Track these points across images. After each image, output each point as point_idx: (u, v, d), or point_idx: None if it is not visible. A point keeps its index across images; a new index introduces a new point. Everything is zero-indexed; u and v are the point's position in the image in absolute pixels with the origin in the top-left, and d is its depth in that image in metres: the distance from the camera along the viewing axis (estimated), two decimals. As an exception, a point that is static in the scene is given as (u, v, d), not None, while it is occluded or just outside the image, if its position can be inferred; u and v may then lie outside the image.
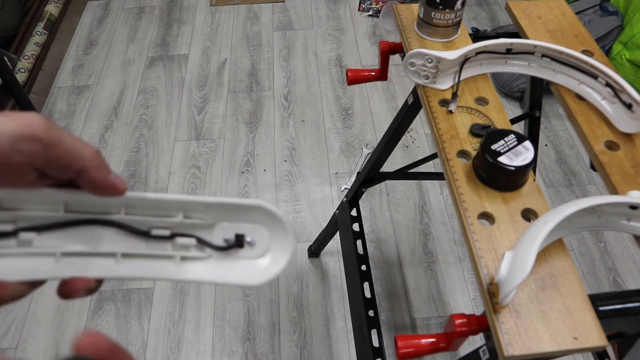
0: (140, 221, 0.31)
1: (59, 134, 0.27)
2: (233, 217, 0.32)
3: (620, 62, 1.73)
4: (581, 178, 1.64)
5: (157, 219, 0.31)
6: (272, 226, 0.32)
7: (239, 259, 0.32)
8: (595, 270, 1.42)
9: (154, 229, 0.31)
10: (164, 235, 0.31)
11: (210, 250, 0.32)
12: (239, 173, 1.68)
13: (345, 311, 1.36)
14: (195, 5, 2.33)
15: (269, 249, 0.32)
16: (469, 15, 2.24)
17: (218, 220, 0.32)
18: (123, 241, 0.31)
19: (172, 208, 0.31)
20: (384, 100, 1.90)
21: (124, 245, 0.31)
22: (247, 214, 0.32)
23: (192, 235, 0.31)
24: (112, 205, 0.31)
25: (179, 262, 0.31)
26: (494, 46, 0.67)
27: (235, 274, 0.31)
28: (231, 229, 0.32)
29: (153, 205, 0.31)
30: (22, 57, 1.98)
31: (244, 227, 0.32)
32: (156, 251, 0.31)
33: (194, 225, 0.32)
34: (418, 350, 0.52)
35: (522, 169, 0.53)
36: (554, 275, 0.49)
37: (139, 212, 0.31)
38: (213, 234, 0.32)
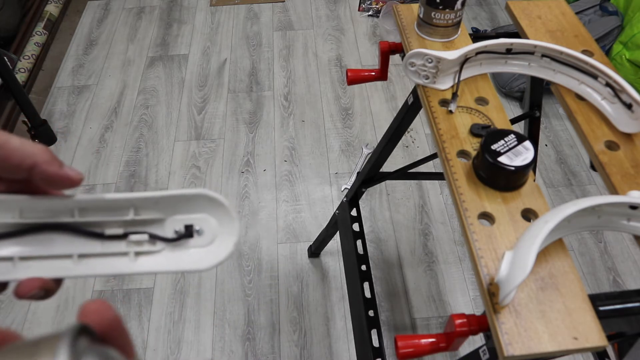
0: (95, 222, 0.33)
1: (5, 137, 0.28)
2: (181, 209, 0.33)
3: (620, 62, 1.73)
4: (581, 178, 1.64)
5: (110, 218, 0.33)
6: (218, 213, 0.33)
7: (190, 248, 0.33)
8: (595, 270, 1.42)
9: (107, 228, 0.33)
10: (118, 234, 0.33)
11: (162, 243, 0.33)
12: (239, 173, 1.68)
13: (345, 311, 1.36)
14: (195, 5, 2.33)
15: (217, 235, 0.33)
16: (469, 15, 2.24)
17: (168, 214, 0.34)
18: (79, 243, 0.33)
19: (122, 207, 0.33)
20: (384, 100, 1.90)
21: (80, 247, 0.33)
22: (193, 204, 0.33)
23: (144, 231, 0.33)
24: (66, 209, 0.32)
25: (133, 257, 0.33)
26: (494, 46, 0.67)
27: (186, 262, 0.33)
28: (181, 221, 0.33)
29: (104, 206, 0.33)
30: (22, 57, 1.98)
31: (192, 217, 0.34)
32: (111, 249, 0.33)
33: (146, 221, 0.33)
34: (418, 350, 0.52)
35: (522, 169, 0.53)
36: (554, 275, 0.49)
37: (93, 213, 0.33)
38: (165, 227, 0.34)
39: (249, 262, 1.46)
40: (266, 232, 1.52)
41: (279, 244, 1.50)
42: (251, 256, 1.47)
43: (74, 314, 1.36)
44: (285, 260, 1.46)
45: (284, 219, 1.56)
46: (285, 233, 1.52)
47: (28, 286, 0.30)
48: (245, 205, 1.59)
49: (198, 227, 0.33)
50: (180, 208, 0.33)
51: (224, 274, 1.44)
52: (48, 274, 0.31)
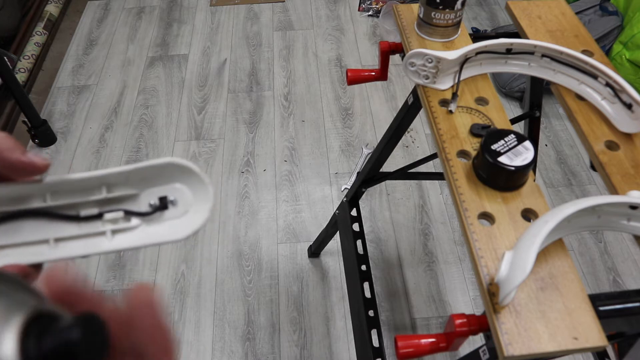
0: (68, 204, 0.32)
1: None
2: (154, 182, 0.33)
3: (620, 62, 1.73)
4: (581, 178, 1.64)
5: (84, 199, 0.33)
6: (190, 181, 0.33)
7: (167, 220, 0.33)
8: (595, 270, 1.42)
9: (82, 209, 0.33)
10: (93, 214, 0.33)
11: (138, 218, 0.33)
12: (239, 173, 1.68)
13: (345, 311, 1.36)
14: (195, 5, 2.33)
15: (191, 204, 0.33)
16: (469, 15, 2.24)
17: (141, 188, 0.33)
18: (55, 227, 0.32)
19: (94, 185, 0.33)
20: (384, 100, 1.90)
21: (56, 231, 0.32)
22: (165, 175, 0.33)
23: (119, 208, 0.33)
24: (37, 194, 0.32)
25: (110, 236, 0.33)
26: (494, 46, 0.67)
27: (163, 234, 0.33)
28: (155, 193, 0.33)
29: (75, 186, 0.32)
30: (22, 57, 1.98)
31: (165, 189, 0.33)
32: (88, 230, 0.33)
33: (120, 198, 0.33)
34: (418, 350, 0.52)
35: (522, 169, 0.53)
36: (554, 275, 0.49)
37: (65, 196, 0.32)
38: (140, 202, 0.33)
39: (249, 262, 1.46)
40: (266, 232, 1.52)
41: (279, 244, 1.50)
42: (251, 256, 1.47)
43: (74, 314, 1.36)
44: (285, 260, 1.46)
45: (284, 219, 1.56)
46: (285, 233, 1.52)
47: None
48: (245, 205, 1.59)
49: (172, 198, 0.33)
50: (152, 181, 0.33)
51: (224, 274, 1.44)
52: (24, 260, 0.31)
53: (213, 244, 1.50)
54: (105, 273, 1.44)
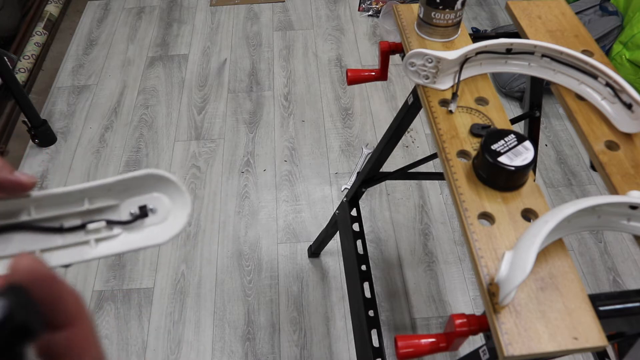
0: (52, 217, 0.34)
1: None
2: (134, 192, 0.35)
3: (620, 62, 1.73)
4: (581, 178, 1.64)
5: (67, 211, 0.34)
6: (168, 190, 0.35)
7: (147, 227, 0.35)
8: (595, 270, 1.42)
9: (65, 221, 0.34)
10: (76, 225, 0.34)
11: (120, 227, 0.35)
12: (239, 173, 1.68)
13: (345, 311, 1.36)
14: (195, 5, 2.33)
15: (170, 211, 0.35)
16: (469, 15, 2.24)
17: (122, 199, 0.35)
18: (39, 239, 0.34)
19: (76, 197, 0.34)
20: (384, 100, 1.90)
21: (41, 243, 0.34)
22: (144, 185, 0.35)
23: (101, 218, 0.35)
24: (21, 208, 0.33)
25: (94, 244, 0.34)
26: (494, 46, 0.67)
27: (144, 239, 0.35)
28: (135, 203, 0.35)
29: (59, 199, 0.34)
30: (22, 57, 1.98)
31: (145, 198, 0.35)
32: (72, 240, 0.34)
33: (102, 209, 0.35)
34: (418, 350, 0.52)
35: (522, 169, 0.53)
36: (554, 275, 0.49)
37: (49, 209, 0.34)
38: (121, 211, 0.35)
39: (249, 262, 1.46)
40: (266, 232, 1.52)
41: (279, 244, 1.50)
42: (251, 256, 1.47)
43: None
44: (285, 260, 1.46)
45: (284, 219, 1.56)
46: (285, 233, 1.52)
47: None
48: (245, 205, 1.59)
49: (152, 206, 0.35)
50: (132, 191, 0.35)
51: (224, 274, 1.44)
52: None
53: (213, 244, 1.50)
54: (105, 273, 1.44)
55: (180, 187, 0.34)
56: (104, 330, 1.33)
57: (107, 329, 1.34)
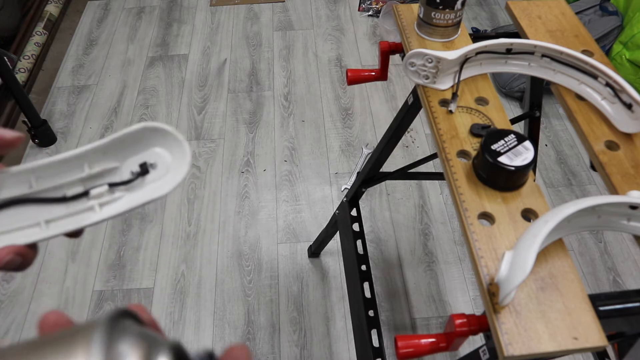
0: (54, 186, 0.34)
1: None
2: (132, 151, 0.35)
3: (620, 62, 1.73)
4: (581, 178, 1.64)
5: (68, 179, 0.34)
6: (166, 142, 0.35)
7: (149, 183, 0.35)
8: (595, 270, 1.42)
9: (68, 189, 0.34)
10: (79, 192, 0.34)
11: (122, 187, 0.35)
12: (239, 173, 1.68)
13: (345, 311, 1.36)
14: (195, 5, 2.33)
15: (171, 163, 0.35)
16: (469, 15, 2.24)
17: (121, 160, 0.35)
18: (44, 210, 0.34)
19: (75, 164, 0.34)
20: (384, 100, 1.90)
21: (46, 214, 0.34)
22: (141, 142, 0.34)
23: (103, 183, 0.34)
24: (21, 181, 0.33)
25: (98, 209, 0.34)
26: (494, 46, 0.67)
27: (148, 194, 0.34)
28: (135, 162, 0.35)
29: (58, 168, 0.34)
30: (22, 57, 1.98)
31: (144, 155, 0.35)
32: (76, 208, 0.34)
33: (102, 173, 0.34)
34: (418, 350, 0.52)
35: (522, 169, 0.53)
36: (554, 275, 0.49)
37: (49, 179, 0.34)
38: (122, 172, 0.35)
39: (249, 262, 1.46)
40: (266, 232, 1.52)
41: (279, 244, 1.50)
42: (251, 256, 1.47)
43: (74, 313, 1.36)
44: (285, 260, 1.46)
45: (284, 219, 1.56)
46: (285, 233, 1.52)
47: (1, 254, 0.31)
48: (245, 205, 1.59)
49: (152, 161, 0.35)
50: (130, 150, 0.34)
51: (224, 274, 1.44)
52: (19, 242, 0.32)
53: (213, 244, 1.50)
54: (105, 273, 1.44)
55: (177, 137, 0.34)
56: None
57: (107, 329, 1.33)
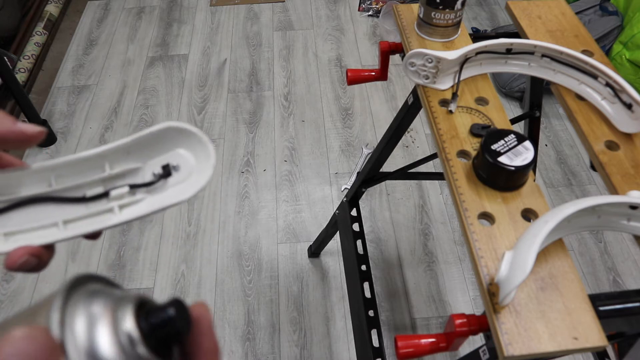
0: (74, 186, 0.33)
1: None
2: (154, 152, 0.33)
3: (620, 62, 1.73)
4: (581, 178, 1.64)
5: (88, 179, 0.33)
6: (190, 143, 0.33)
7: (171, 186, 0.33)
8: (595, 270, 1.42)
9: (88, 189, 0.33)
10: (99, 193, 0.33)
11: (143, 190, 0.33)
12: (239, 173, 1.68)
13: (345, 311, 1.36)
14: (195, 5, 2.33)
15: (194, 166, 0.33)
16: (469, 15, 2.24)
17: (143, 160, 0.34)
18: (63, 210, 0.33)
19: (97, 163, 0.33)
20: (384, 100, 1.90)
21: (65, 214, 0.33)
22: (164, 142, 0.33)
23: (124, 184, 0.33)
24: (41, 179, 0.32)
25: (118, 211, 0.33)
26: (494, 46, 0.67)
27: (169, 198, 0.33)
28: (157, 164, 0.34)
29: (79, 167, 0.33)
30: (22, 57, 1.98)
31: (167, 156, 0.34)
32: (95, 209, 0.33)
33: (124, 174, 0.33)
34: (418, 350, 0.52)
35: (522, 169, 0.53)
36: (554, 275, 0.49)
37: (69, 178, 0.33)
38: (144, 174, 0.34)
39: (249, 262, 1.46)
40: (266, 232, 1.52)
41: (279, 244, 1.50)
42: (251, 256, 1.47)
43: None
44: (285, 260, 1.46)
45: (284, 219, 1.56)
46: (285, 233, 1.52)
47: (16, 255, 0.30)
48: (245, 205, 1.59)
49: (175, 164, 0.33)
50: (153, 151, 0.33)
51: (224, 274, 1.44)
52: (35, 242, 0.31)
53: (213, 244, 1.50)
54: (105, 273, 1.44)
55: (201, 138, 0.32)
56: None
57: (107, 329, 1.33)
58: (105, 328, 0.21)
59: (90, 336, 0.21)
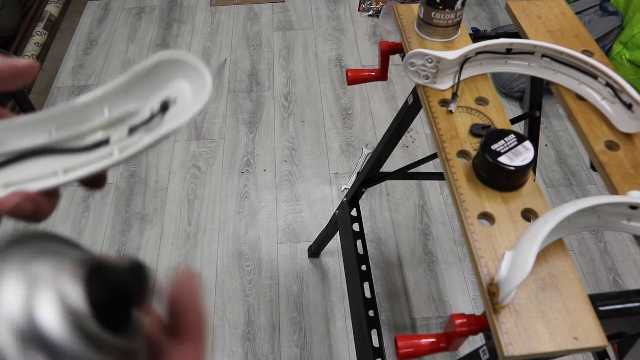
0: (74, 135, 0.32)
1: None
2: (152, 88, 0.33)
3: (620, 62, 1.73)
4: (581, 178, 1.64)
5: (88, 125, 0.32)
6: (185, 71, 0.32)
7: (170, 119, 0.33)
8: (595, 270, 1.42)
9: (88, 136, 0.33)
10: (100, 140, 0.33)
11: (143, 128, 0.33)
12: (239, 173, 1.68)
13: (345, 311, 1.36)
14: (195, 5, 2.33)
15: (191, 94, 0.33)
16: (469, 15, 2.24)
17: (142, 100, 0.33)
18: (63, 159, 0.32)
19: (96, 108, 0.32)
20: (384, 100, 1.90)
21: (65, 162, 0.32)
22: (160, 76, 0.33)
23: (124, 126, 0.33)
24: (41, 129, 0.32)
25: (117, 153, 0.32)
26: (494, 46, 0.67)
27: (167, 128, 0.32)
28: (156, 100, 0.33)
29: (78, 114, 0.32)
30: (22, 57, 1.98)
31: (166, 90, 0.33)
32: (96, 155, 0.32)
33: (123, 117, 0.33)
34: (418, 350, 0.52)
35: (522, 169, 0.53)
36: (554, 275, 0.49)
37: (70, 126, 0.32)
38: (143, 113, 0.33)
39: (249, 262, 1.46)
40: (266, 232, 1.52)
41: (279, 244, 1.50)
42: (251, 256, 1.47)
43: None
44: (285, 260, 1.46)
45: (284, 219, 1.56)
46: (285, 233, 1.52)
47: (8, 198, 0.28)
48: (245, 205, 1.59)
49: (173, 96, 0.33)
50: (150, 86, 0.33)
51: (224, 274, 1.44)
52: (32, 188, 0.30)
53: (213, 244, 1.50)
54: (105, 273, 1.44)
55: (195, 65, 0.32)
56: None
57: (107, 329, 1.33)
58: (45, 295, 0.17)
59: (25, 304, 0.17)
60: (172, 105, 0.32)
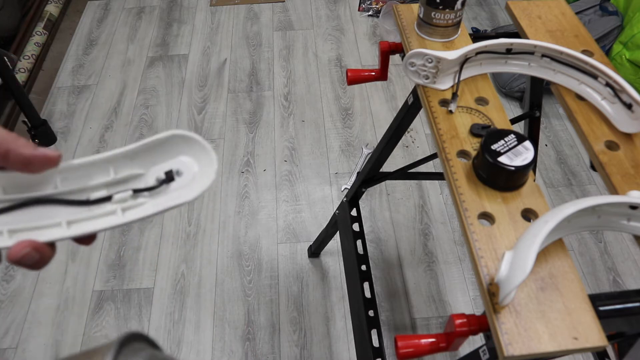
0: (78, 188, 0.34)
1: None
2: (158, 158, 0.35)
3: (620, 62, 1.73)
4: (581, 178, 1.64)
5: (93, 182, 0.34)
6: (193, 150, 0.34)
7: (175, 190, 0.34)
8: (595, 270, 1.42)
9: (92, 192, 0.34)
10: (102, 196, 0.34)
11: (146, 194, 0.34)
12: (239, 173, 1.68)
13: (345, 311, 1.36)
14: (195, 5, 2.33)
15: (197, 171, 0.35)
16: (469, 15, 2.24)
17: (147, 167, 0.35)
18: (66, 211, 0.34)
19: (102, 167, 0.34)
20: (384, 100, 1.90)
21: (69, 214, 0.34)
22: (168, 149, 0.34)
23: (127, 188, 0.34)
24: (48, 180, 0.33)
25: (120, 213, 0.34)
26: (494, 46, 0.67)
27: (171, 200, 0.34)
28: (161, 170, 0.35)
29: (84, 170, 0.34)
30: (22, 57, 1.98)
31: (171, 163, 0.35)
32: (99, 211, 0.34)
33: (127, 179, 0.34)
34: (418, 350, 0.52)
35: (522, 169, 0.53)
36: (554, 275, 0.49)
37: (75, 181, 0.34)
38: (147, 179, 0.35)
39: (249, 262, 1.46)
40: (266, 232, 1.52)
41: (279, 244, 1.50)
42: (251, 256, 1.47)
43: (74, 314, 1.36)
44: (285, 260, 1.46)
45: (284, 219, 1.56)
46: (285, 233, 1.52)
47: (19, 247, 0.30)
48: (245, 205, 1.59)
49: (177, 169, 0.34)
50: (157, 157, 0.34)
51: (224, 274, 1.44)
52: (39, 239, 0.32)
53: (213, 244, 1.50)
54: (105, 273, 1.44)
55: (204, 146, 0.34)
56: (103, 330, 1.33)
57: (107, 329, 1.33)
58: None
59: None
60: (177, 177, 0.34)
